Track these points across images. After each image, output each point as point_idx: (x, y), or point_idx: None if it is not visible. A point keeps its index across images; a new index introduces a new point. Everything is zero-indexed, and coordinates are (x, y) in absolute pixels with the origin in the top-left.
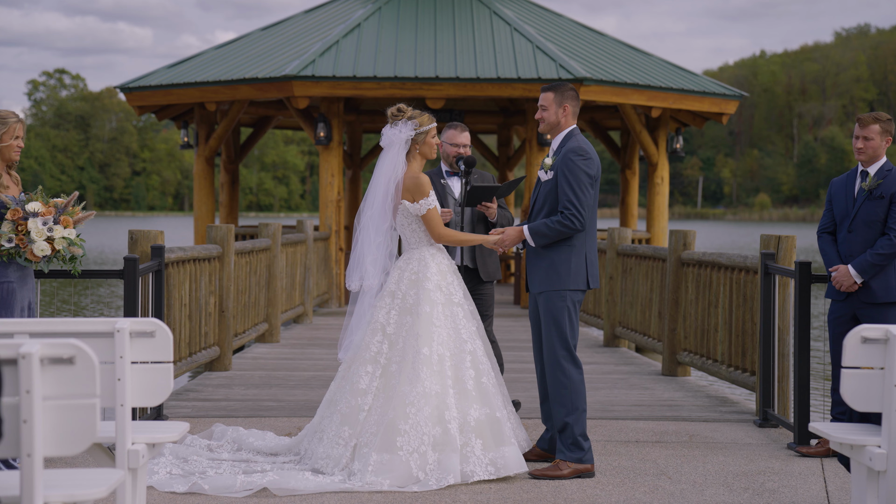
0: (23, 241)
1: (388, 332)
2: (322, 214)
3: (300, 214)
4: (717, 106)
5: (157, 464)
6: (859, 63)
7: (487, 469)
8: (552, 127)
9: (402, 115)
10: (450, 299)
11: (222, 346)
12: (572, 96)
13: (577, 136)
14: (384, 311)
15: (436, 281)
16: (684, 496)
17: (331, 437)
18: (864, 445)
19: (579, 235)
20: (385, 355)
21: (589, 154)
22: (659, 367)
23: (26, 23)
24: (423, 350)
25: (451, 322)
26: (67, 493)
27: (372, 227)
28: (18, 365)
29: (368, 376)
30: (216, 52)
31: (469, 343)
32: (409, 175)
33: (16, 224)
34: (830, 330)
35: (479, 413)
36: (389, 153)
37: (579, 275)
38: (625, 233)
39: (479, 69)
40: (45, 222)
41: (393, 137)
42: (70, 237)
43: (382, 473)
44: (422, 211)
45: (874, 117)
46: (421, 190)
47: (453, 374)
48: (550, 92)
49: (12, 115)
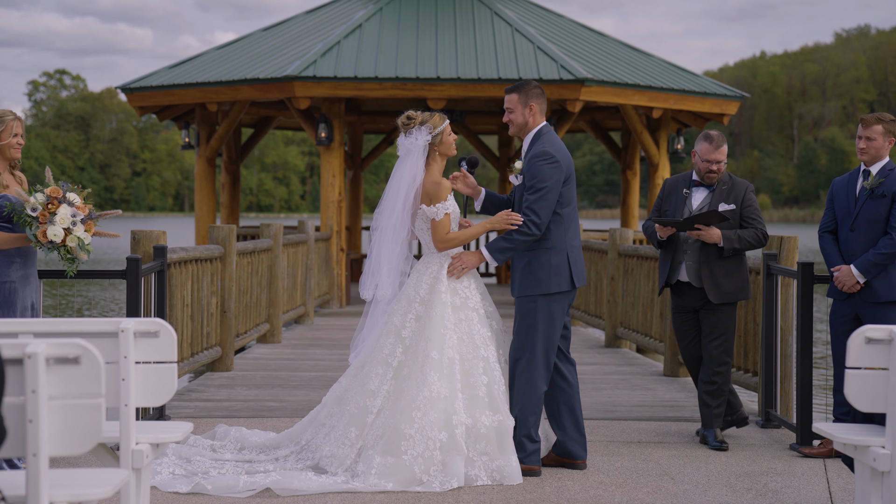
0: (44, 218)
1: (403, 335)
2: (323, 215)
3: (300, 215)
4: (718, 107)
5: (160, 464)
6: (859, 64)
7: (493, 476)
8: (521, 128)
9: (413, 122)
10: (465, 303)
11: (224, 346)
12: (537, 94)
13: (545, 137)
14: (400, 314)
15: (449, 284)
16: (687, 497)
17: (338, 437)
18: (869, 446)
19: (558, 236)
20: (398, 358)
21: (555, 157)
22: (661, 368)
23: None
24: (432, 353)
25: (464, 326)
26: (73, 492)
27: (389, 236)
28: (24, 364)
29: (379, 378)
30: (217, 52)
31: (483, 349)
32: (430, 179)
33: (49, 201)
34: (832, 330)
35: (491, 420)
36: (408, 161)
37: (561, 276)
38: (626, 233)
39: (481, 70)
40: (74, 214)
41: (410, 146)
42: (84, 240)
43: (386, 476)
44: (438, 215)
45: (877, 118)
46: (439, 194)
47: (463, 379)
48: (514, 93)
49: (9, 113)
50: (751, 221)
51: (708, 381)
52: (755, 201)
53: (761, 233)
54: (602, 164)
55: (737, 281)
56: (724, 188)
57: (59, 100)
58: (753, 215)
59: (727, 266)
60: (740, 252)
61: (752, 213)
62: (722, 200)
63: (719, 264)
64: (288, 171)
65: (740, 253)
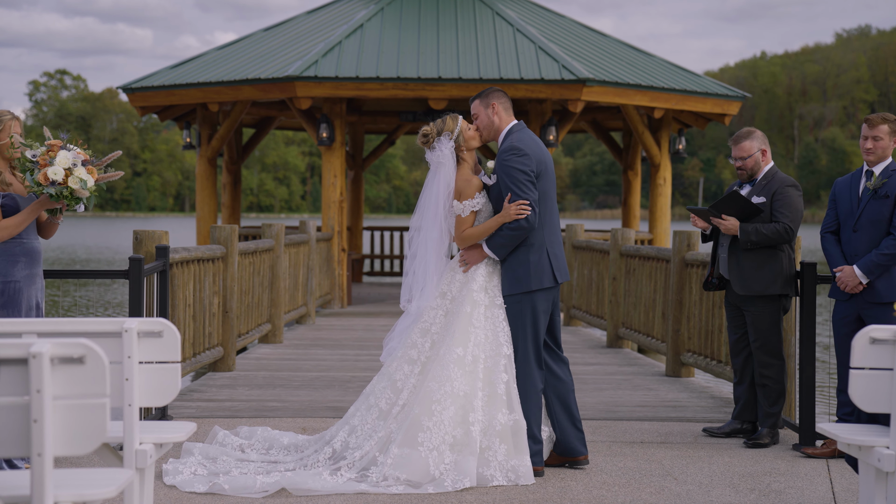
0: (45, 161)
1: (433, 331)
2: (325, 215)
3: (301, 215)
4: (719, 107)
5: (183, 464)
6: (860, 64)
7: (508, 476)
8: (490, 129)
9: (430, 137)
10: (493, 301)
11: (226, 346)
12: (498, 94)
13: (514, 134)
14: (433, 311)
15: (481, 282)
16: (691, 497)
17: (366, 431)
18: (873, 446)
19: (536, 233)
20: (426, 353)
21: (522, 150)
22: (662, 368)
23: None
24: (456, 350)
25: (490, 324)
26: (77, 492)
27: (434, 249)
28: (29, 364)
29: (406, 373)
30: (219, 52)
31: (506, 346)
32: (461, 177)
33: (49, 149)
34: (835, 331)
35: (507, 418)
36: (441, 173)
37: (542, 272)
38: (628, 234)
39: (482, 70)
40: (75, 157)
41: (441, 158)
42: (86, 180)
43: (400, 467)
44: (464, 212)
45: (883, 118)
46: (467, 192)
47: (485, 377)
48: (476, 100)
49: (7, 113)
50: (778, 216)
51: (758, 383)
52: (790, 197)
53: (783, 228)
54: (602, 165)
55: (767, 275)
56: (763, 184)
57: (60, 100)
58: (782, 209)
59: (757, 258)
60: (759, 245)
61: (781, 208)
62: (756, 195)
63: (747, 256)
64: (288, 171)
65: (760, 246)
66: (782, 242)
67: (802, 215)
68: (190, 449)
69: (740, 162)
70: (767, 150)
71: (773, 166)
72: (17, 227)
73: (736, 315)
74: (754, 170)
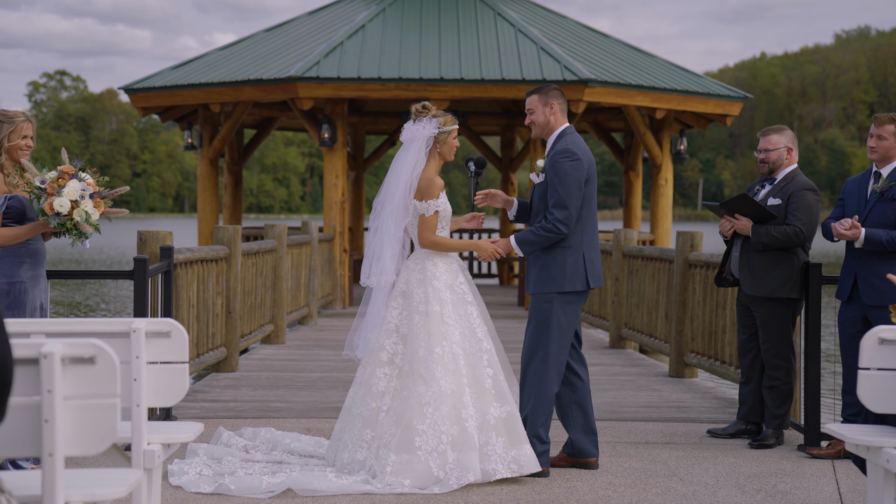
0: (53, 190)
1: (403, 332)
2: (326, 216)
3: (301, 216)
4: (721, 107)
5: (189, 464)
6: (859, 65)
7: (510, 467)
8: (543, 128)
9: (426, 112)
10: (462, 298)
11: (229, 347)
12: (557, 94)
13: (568, 137)
14: (397, 311)
15: (445, 280)
16: (697, 497)
17: (354, 442)
18: (882, 447)
19: (575, 236)
20: (400, 356)
21: (576, 154)
22: (665, 369)
23: (25, 25)
24: (435, 349)
25: (465, 321)
26: (88, 492)
27: (392, 222)
28: (40, 364)
29: (386, 378)
30: (220, 53)
31: (485, 342)
32: (424, 176)
33: (60, 175)
34: (841, 331)
35: (500, 411)
36: (411, 148)
37: (576, 275)
38: (630, 234)
39: (484, 70)
40: (84, 189)
41: (415, 133)
42: (92, 215)
43: (402, 473)
44: (428, 212)
45: (890, 118)
46: (431, 191)
47: (469, 374)
48: (534, 94)
49: (20, 114)
50: (790, 219)
51: (766, 385)
52: (806, 200)
53: (794, 231)
54: (603, 166)
55: (777, 277)
56: (782, 185)
57: (60, 101)
58: (795, 212)
59: (768, 259)
60: (770, 247)
61: (795, 210)
62: (772, 195)
63: (759, 257)
64: (288, 172)
65: (771, 248)
66: (793, 246)
67: (818, 220)
68: (195, 449)
69: (764, 154)
70: (795, 149)
71: (795, 168)
72: (13, 239)
73: (746, 315)
74: (776, 164)
